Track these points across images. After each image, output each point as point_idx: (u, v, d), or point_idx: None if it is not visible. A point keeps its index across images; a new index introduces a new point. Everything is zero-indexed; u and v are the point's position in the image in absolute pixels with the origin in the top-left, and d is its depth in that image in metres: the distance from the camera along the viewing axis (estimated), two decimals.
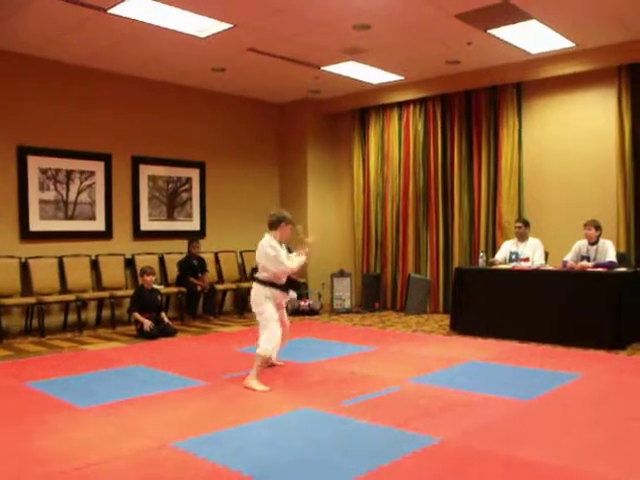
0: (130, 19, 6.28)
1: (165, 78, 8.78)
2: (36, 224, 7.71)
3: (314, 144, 10.24)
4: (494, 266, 7.31)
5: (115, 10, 6.04)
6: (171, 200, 9.14)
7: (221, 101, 9.69)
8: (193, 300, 8.66)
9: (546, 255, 7.31)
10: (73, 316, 7.66)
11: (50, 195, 7.85)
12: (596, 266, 6.55)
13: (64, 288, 7.74)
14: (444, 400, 4.27)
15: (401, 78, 8.86)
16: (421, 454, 3.21)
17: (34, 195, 7.69)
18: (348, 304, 9.50)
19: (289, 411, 4.04)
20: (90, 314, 8.04)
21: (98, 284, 8.09)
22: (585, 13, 6.34)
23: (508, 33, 6.91)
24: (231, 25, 6.57)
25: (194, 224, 9.39)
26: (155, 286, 7.57)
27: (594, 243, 6.77)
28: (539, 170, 8.26)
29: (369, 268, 9.95)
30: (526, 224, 7.40)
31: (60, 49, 7.35)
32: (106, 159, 8.33)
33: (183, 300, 8.50)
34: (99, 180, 8.28)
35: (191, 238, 8.85)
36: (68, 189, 8.01)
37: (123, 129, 8.51)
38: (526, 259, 7.11)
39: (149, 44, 7.16)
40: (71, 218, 8.03)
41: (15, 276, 7.36)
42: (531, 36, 7.00)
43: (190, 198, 9.36)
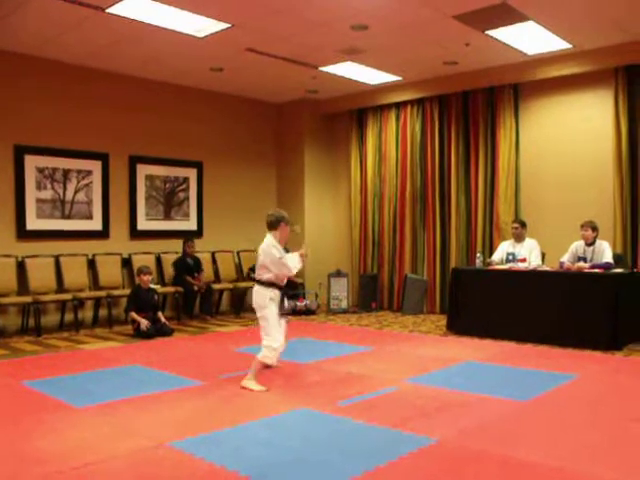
0: (128, 18, 6.28)
1: (163, 78, 8.77)
2: (33, 223, 7.70)
3: (311, 144, 10.24)
4: (491, 267, 7.32)
5: (113, 9, 6.04)
6: (168, 200, 9.14)
7: (219, 101, 9.68)
8: (190, 300, 8.67)
9: (543, 256, 7.33)
10: (70, 315, 7.65)
11: (47, 194, 7.84)
12: (593, 267, 6.57)
13: (61, 287, 7.73)
14: (441, 400, 4.28)
15: (399, 79, 8.87)
16: (417, 454, 3.22)
17: (31, 194, 7.69)
18: (345, 304, 9.50)
19: (286, 411, 4.04)
20: (87, 313, 8.04)
21: (95, 283, 8.09)
22: (582, 15, 6.36)
23: (505, 34, 6.93)
24: (229, 25, 6.57)
25: (191, 224, 9.39)
26: (152, 286, 7.58)
27: (591, 244, 6.78)
28: (536, 171, 8.28)
29: (366, 268, 9.96)
30: (523, 225, 7.42)
31: (58, 48, 7.34)
32: (103, 158, 8.33)
33: (180, 300, 8.50)
34: (96, 179, 8.28)
35: (186, 237, 8.84)
36: (65, 188, 8.00)
37: (120, 128, 8.51)
38: (523, 260, 7.12)
39: (147, 44, 7.16)
40: (68, 217, 8.02)
41: (12, 275, 7.36)
42: (528, 37, 7.02)
43: (187, 198, 9.36)
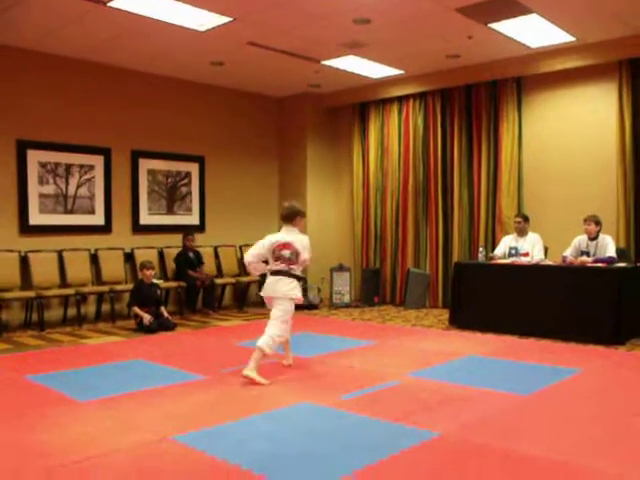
0: (130, 12, 6.26)
1: (164, 72, 8.76)
2: (36, 218, 7.70)
3: (314, 138, 10.22)
4: (493, 261, 7.31)
5: (115, 3, 6.02)
6: (170, 194, 9.13)
7: (220, 95, 9.67)
8: (192, 294, 8.67)
9: (545, 250, 7.31)
10: (73, 310, 7.66)
11: (50, 189, 7.84)
12: (596, 261, 6.55)
13: (64, 282, 7.74)
14: (443, 394, 4.28)
15: (401, 72, 8.84)
16: (420, 448, 3.22)
17: (34, 189, 7.69)
18: (347, 298, 9.50)
19: (288, 405, 4.05)
20: (90, 308, 8.05)
21: (98, 278, 8.10)
22: (585, 8, 6.33)
23: (508, 27, 6.89)
24: (231, 19, 6.55)
25: (193, 218, 9.39)
26: (154, 280, 7.58)
27: (594, 238, 6.76)
28: (539, 165, 8.25)
29: (368, 262, 9.95)
30: (525, 219, 7.39)
31: (59, 43, 7.33)
32: (105, 153, 8.32)
33: (182, 294, 8.50)
34: (98, 174, 8.27)
35: (185, 232, 8.83)
36: (67, 183, 8.00)
37: (122, 123, 8.50)
38: (525, 254, 7.11)
39: (149, 38, 7.14)
40: (70, 212, 8.03)
41: (15, 270, 7.36)
42: (531, 30, 6.98)
43: (189, 192, 9.36)
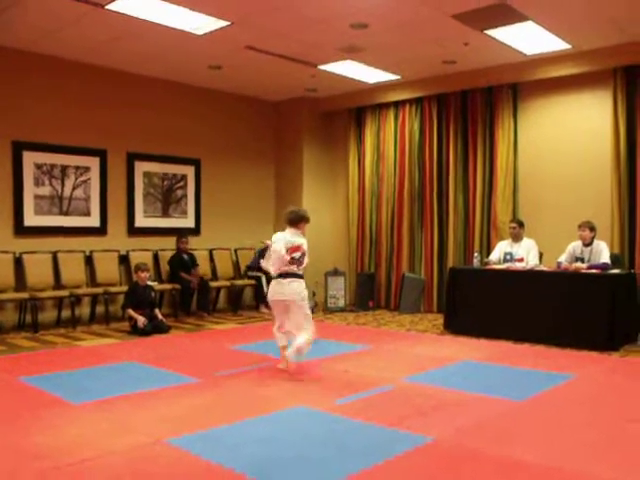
0: (127, 15, 6.26)
1: (161, 75, 8.76)
2: (31, 219, 7.68)
3: (310, 142, 10.24)
4: (488, 266, 7.33)
5: (112, 6, 6.03)
6: (166, 197, 9.13)
7: (217, 98, 9.67)
8: (187, 297, 8.65)
9: (540, 256, 7.33)
10: (67, 312, 7.64)
11: (45, 190, 7.82)
12: (590, 267, 6.58)
13: (58, 284, 7.72)
14: (437, 399, 4.29)
15: (397, 77, 8.86)
16: (414, 453, 3.23)
17: (29, 190, 7.67)
18: (342, 303, 9.51)
19: (283, 409, 4.05)
20: (84, 310, 8.02)
21: (92, 280, 8.07)
22: (581, 15, 6.36)
23: (504, 34, 6.92)
24: (228, 23, 6.56)
25: (189, 221, 9.38)
26: (149, 282, 7.57)
27: (588, 244, 6.79)
28: (534, 171, 8.28)
29: (363, 267, 9.96)
30: (521, 224, 7.42)
31: (57, 44, 7.32)
32: (101, 155, 8.31)
33: (177, 297, 8.48)
34: (94, 176, 8.26)
35: (179, 234, 8.82)
36: (63, 184, 7.98)
37: (119, 125, 8.49)
38: (520, 259, 7.13)
39: (146, 41, 7.14)
40: (66, 214, 8.01)
41: (9, 271, 7.34)
42: (527, 37, 7.01)
43: (185, 195, 9.35)
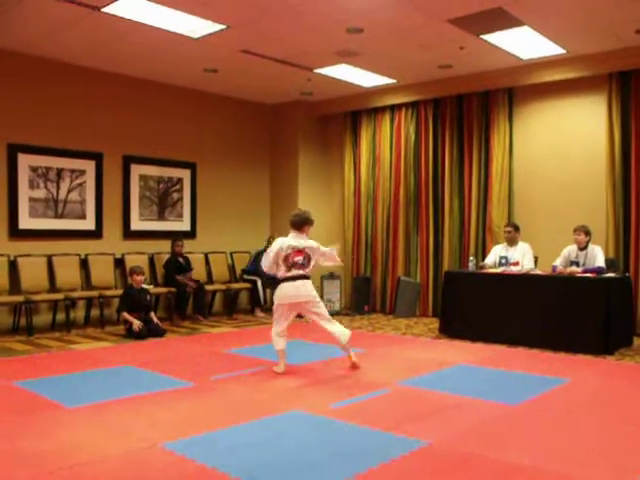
0: (124, 18, 6.27)
1: (158, 78, 8.76)
2: (25, 222, 7.66)
3: (306, 146, 10.24)
4: (483, 270, 7.34)
5: (109, 9, 6.03)
6: (162, 200, 9.12)
7: (213, 102, 9.67)
8: (182, 300, 8.63)
9: (535, 260, 7.35)
10: (61, 315, 7.61)
11: (40, 193, 7.81)
12: (585, 271, 6.59)
13: (53, 287, 7.70)
14: (433, 403, 4.29)
15: (393, 81, 8.88)
16: (409, 457, 3.22)
17: (24, 193, 7.65)
18: (337, 306, 9.50)
19: (278, 413, 4.04)
20: (79, 313, 8.00)
21: (87, 283, 8.05)
22: (576, 21, 6.39)
23: (500, 39, 6.95)
24: (224, 26, 6.57)
25: (184, 224, 9.37)
26: (144, 286, 7.56)
27: (583, 248, 6.81)
28: (529, 175, 8.30)
29: (359, 271, 9.96)
30: (516, 228, 7.43)
31: (53, 47, 7.31)
32: (97, 158, 8.30)
33: (172, 300, 8.47)
34: (90, 179, 8.25)
35: (174, 237, 8.79)
36: (58, 187, 7.97)
37: (115, 128, 8.48)
38: (516, 263, 7.14)
39: (142, 44, 7.15)
40: (61, 217, 7.99)
41: (3, 274, 7.32)
42: (523, 42, 7.05)
43: (181, 198, 9.34)
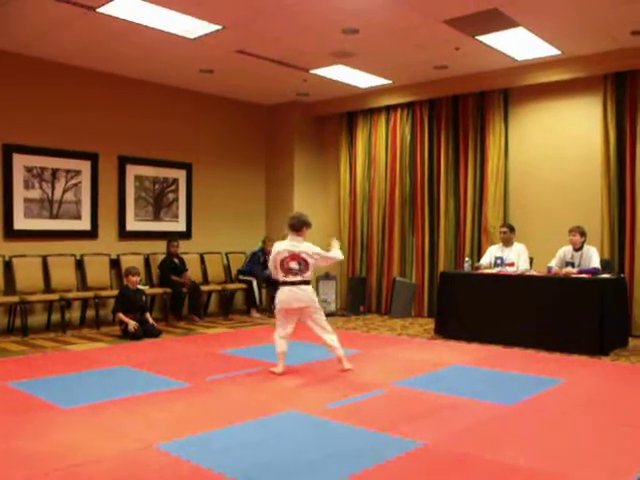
0: (119, 18, 6.26)
1: (153, 78, 8.75)
2: (20, 222, 7.64)
3: (301, 147, 10.24)
4: (479, 271, 7.35)
5: (104, 9, 6.02)
6: (157, 201, 9.10)
7: (209, 102, 9.66)
8: (178, 301, 8.61)
9: (531, 260, 7.36)
10: (57, 316, 7.59)
11: (35, 194, 7.79)
12: (580, 272, 6.61)
13: (48, 287, 7.68)
14: (428, 404, 4.29)
15: (389, 82, 8.89)
16: (405, 458, 3.22)
17: (19, 193, 7.63)
18: (333, 307, 9.50)
19: (274, 414, 4.04)
20: (74, 314, 7.98)
21: (83, 284, 8.04)
22: (571, 22, 6.41)
23: (495, 40, 6.96)
24: (220, 27, 6.56)
25: (180, 225, 9.36)
26: (140, 286, 7.54)
27: (579, 249, 6.82)
28: (525, 176, 8.32)
29: (354, 271, 9.96)
30: (511, 229, 7.44)
31: (48, 47, 7.29)
32: (92, 158, 8.28)
33: (168, 301, 8.46)
34: (85, 179, 8.23)
35: (170, 238, 8.77)
36: (53, 188, 7.95)
37: (110, 128, 8.46)
38: (511, 264, 7.15)
39: (137, 44, 7.13)
40: (56, 217, 7.97)
41: None
42: (518, 43, 7.06)
43: (176, 199, 9.33)
